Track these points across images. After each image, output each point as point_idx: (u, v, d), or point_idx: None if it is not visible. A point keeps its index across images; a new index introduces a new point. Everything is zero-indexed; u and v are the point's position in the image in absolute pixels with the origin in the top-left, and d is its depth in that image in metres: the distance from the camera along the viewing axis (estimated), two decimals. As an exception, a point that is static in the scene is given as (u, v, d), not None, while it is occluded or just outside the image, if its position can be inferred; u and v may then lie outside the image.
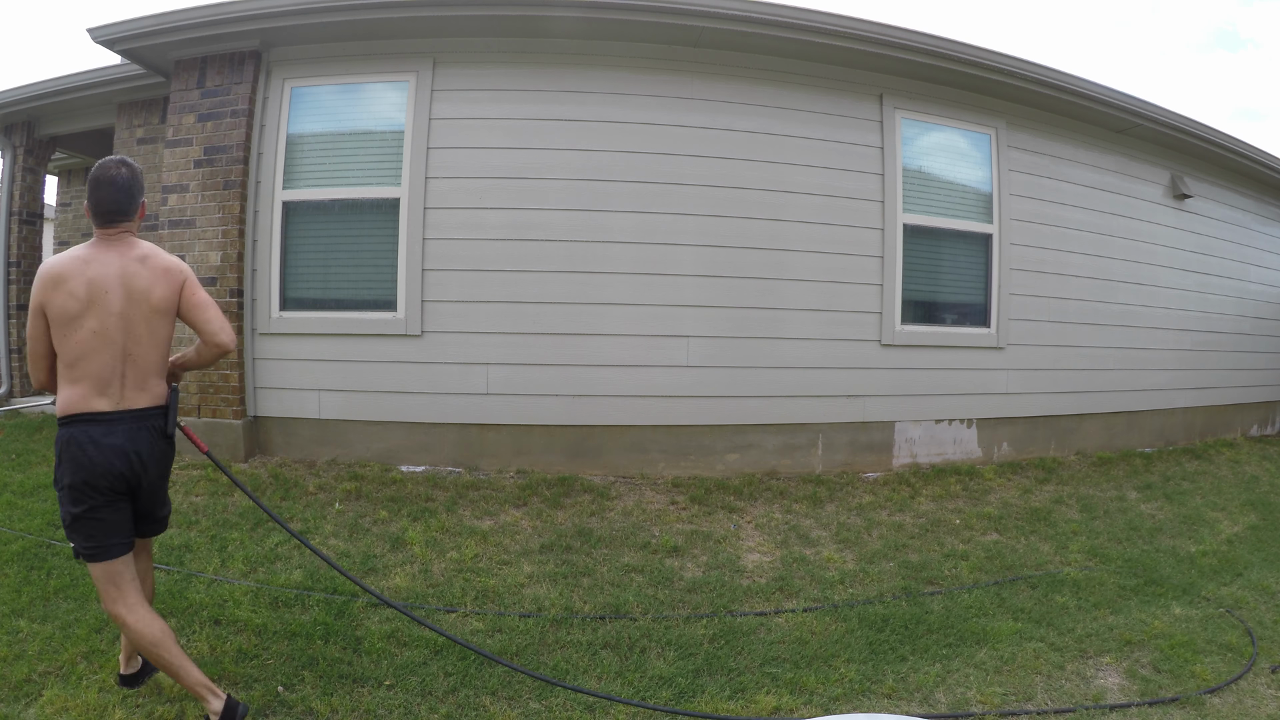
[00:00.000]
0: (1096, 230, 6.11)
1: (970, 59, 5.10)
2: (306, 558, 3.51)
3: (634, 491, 4.56)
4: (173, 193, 4.84)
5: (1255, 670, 2.85)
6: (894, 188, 5.22)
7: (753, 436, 5.03)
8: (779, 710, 2.47)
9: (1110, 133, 6.19)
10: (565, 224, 4.74)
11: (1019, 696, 2.61)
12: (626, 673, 2.66)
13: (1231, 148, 6.73)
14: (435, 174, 4.73)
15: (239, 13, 4.53)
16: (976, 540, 4.18)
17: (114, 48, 4.83)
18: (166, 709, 2.29)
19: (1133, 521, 4.64)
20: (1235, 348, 7.40)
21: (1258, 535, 4.57)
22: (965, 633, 3.06)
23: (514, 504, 4.26)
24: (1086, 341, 6.08)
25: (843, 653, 2.86)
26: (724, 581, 3.49)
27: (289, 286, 4.88)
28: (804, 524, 4.25)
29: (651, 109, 4.83)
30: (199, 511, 3.97)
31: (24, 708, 2.28)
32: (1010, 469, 5.49)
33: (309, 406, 4.82)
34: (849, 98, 5.18)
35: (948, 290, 5.63)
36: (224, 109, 4.78)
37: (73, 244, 8.46)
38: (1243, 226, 7.49)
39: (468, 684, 2.55)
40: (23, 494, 4.08)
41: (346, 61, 4.83)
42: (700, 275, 4.88)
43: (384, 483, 4.44)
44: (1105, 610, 3.36)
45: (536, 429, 4.80)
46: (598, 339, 4.78)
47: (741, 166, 4.93)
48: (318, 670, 2.58)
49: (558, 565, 3.56)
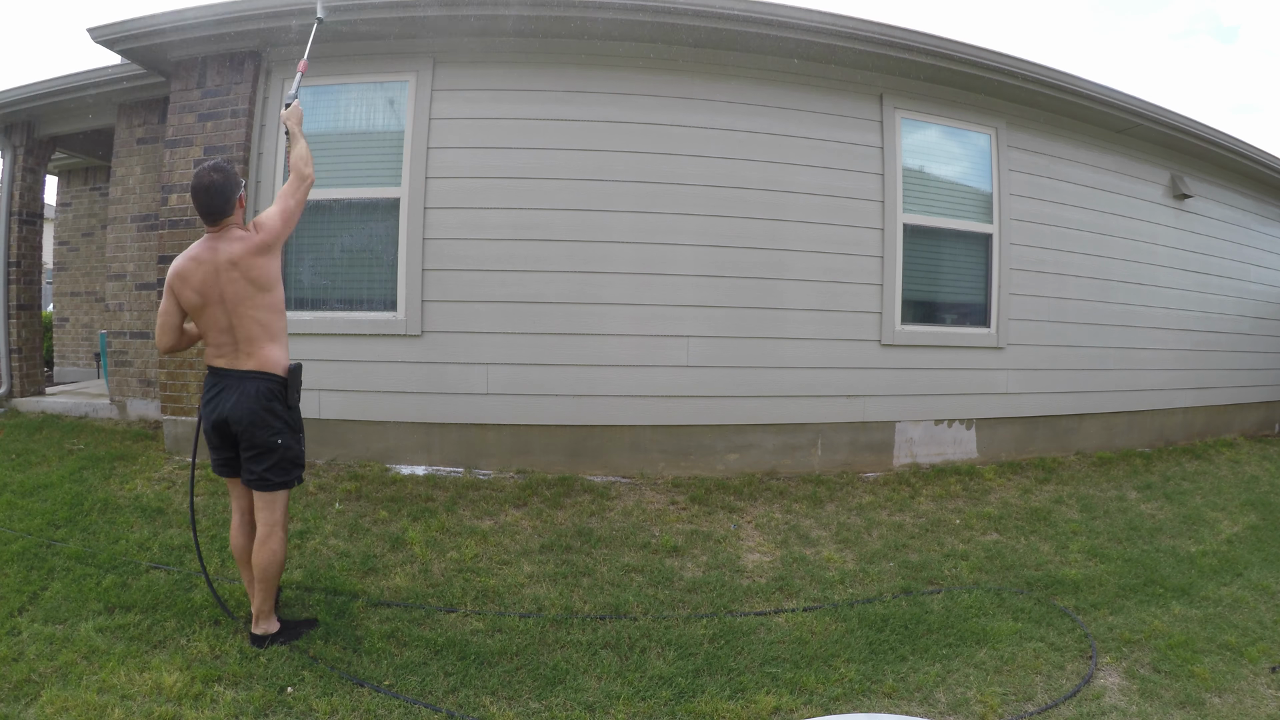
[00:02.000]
0: (1096, 230, 6.11)
1: (970, 59, 5.10)
2: (306, 558, 3.51)
3: (634, 491, 4.56)
4: (173, 193, 4.84)
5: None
6: (894, 188, 5.22)
7: (753, 436, 5.03)
8: (779, 710, 2.47)
9: (1110, 133, 6.18)
10: (565, 224, 4.74)
11: (1019, 696, 2.61)
12: (626, 673, 2.66)
13: (1232, 148, 6.73)
14: (435, 174, 4.72)
15: (239, 13, 4.53)
16: (976, 540, 4.18)
17: (114, 48, 4.83)
18: (166, 709, 2.29)
19: (1133, 521, 4.64)
20: (1235, 348, 7.40)
21: (1257, 535, 4.57)
22: (965, 633, 3.06)
23: (514, 504, 4.26)
24: (1086, 341, 6.08)
25: (843, 652, 2.86)
26: (724, 581, 3.49)
27: (289, 286, 4.85)
28: (804, 524, 4.25)
29: (651, 109, 4.83)
30: (199, 511, 3.97)
31: (24, 708, 2.28)
32: (1010, 469, 5.49)
33: (309, 406, 4.76)
34: (849, 98, 5.18)
35: (948, 290, 5.63)
36: (224, 109, 4.78)
37: (73, 243, 8.49)
38: (1243, 226, 7.49)
39: (468, 684, 2.56)
40: (23, 494, 4.09)
41: (346, 61, 4.83)
42: (700, 275, 4.87)
43: (384, 483, 4.44)
44: (1105, 610, 3.36)
45: (536, 429, 4.80)
46: (598, 339, 4.78)
47: (742, 166, 4.93)
48: (318, 670, 2.58)
49: (558, 565, 3.56)
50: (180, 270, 2.65)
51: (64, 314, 8.61)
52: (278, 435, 2.69)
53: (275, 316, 2.74)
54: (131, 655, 2.59)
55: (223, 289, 2.63)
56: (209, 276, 2.62)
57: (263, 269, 2.67)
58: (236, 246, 2.64)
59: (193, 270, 2.63)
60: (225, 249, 2.63)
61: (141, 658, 2.59)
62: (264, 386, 2.68)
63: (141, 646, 2.67)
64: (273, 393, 2.69)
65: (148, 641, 2.71)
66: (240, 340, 2.68)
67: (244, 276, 2.63)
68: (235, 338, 2.67)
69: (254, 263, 2.65)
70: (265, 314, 2.70)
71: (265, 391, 2.68)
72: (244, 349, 2.68)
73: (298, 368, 2.79)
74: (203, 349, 2.85)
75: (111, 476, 4.44)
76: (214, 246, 2.64)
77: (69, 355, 8.63)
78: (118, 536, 3.60)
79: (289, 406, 2.75)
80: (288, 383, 2.74)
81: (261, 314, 2.69)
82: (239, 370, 2.68)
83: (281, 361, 2.74)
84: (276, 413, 2.70)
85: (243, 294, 2.64)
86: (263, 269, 2.67)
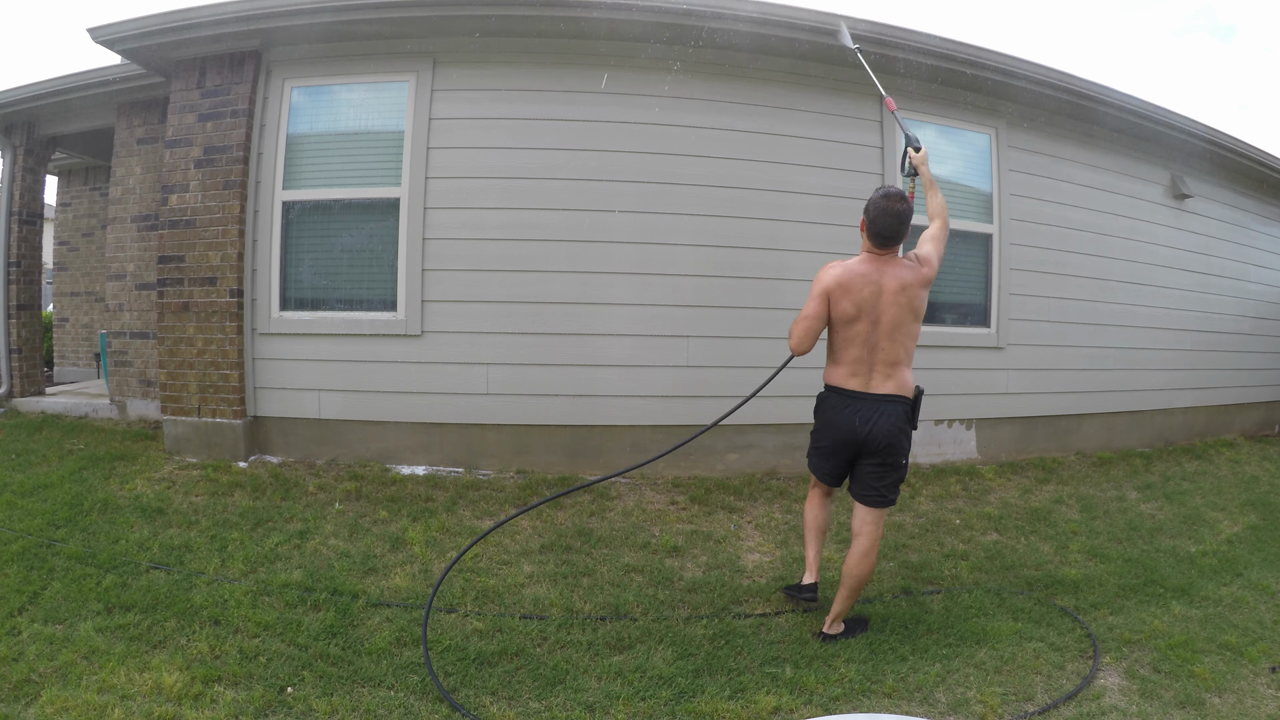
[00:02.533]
0: (1096, 230, 6.10)
1: (970, 59, 5.10)
2: (306, 558, 3.51)
3: (634, 491, 4.56)
4: (173, 193, 4.84)
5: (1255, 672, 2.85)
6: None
7: (753, 436, 5.03)
8: (779, 710, 2.47)
9: (1110, 133, 6.18)
10: (565, 224, 4.74)
11: (1019, 696, 2.61)
12: (626, 673, 2.66)
13: (1232, 148, 6.73)
14: (435, 174, 4.72)
15: (239, 13, 4.52)
16: (976, 540, 4.18)
17: (114, 48, 4.83)
18: (166, 709, 2.29)
19: (1133, 521, 4.64)
20: (1235, 348, 7.39)
21: (1258, 535, 4.57)
22: (965, 633, 3.06)
23: (514, 504, 4.26)
24: (1086, 341, 6.08)
25: (843, 653, 2.86)
26: (724, 581, 3.49)
27: (289, 287, 4.88)
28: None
29: (651, 109, 4.83)
30: (199, 511, 3.97)
31: (24, 708, 2.28)
32: (1010, 469, 5.49)
33: (309, 406, 4.82)
34: (849, 98, 5.18)
35: (947, 290, 5.63)
36: (224, 109, 4.78)
37: (73, 243, 8.49)
38: (1243, 226, 7.49)
39: (468, 684, 2.56)
40: (23, 494, 4.09)
41: (346, 61, 4.83)
42: (700, 275, 4.87)
43: (384, 483, 4.44)
44: (1105, 610, 3.36)
45: (536, 429, 4.80)
46: (598, 339, 4.78)
47: (741, 166, 4.93)
48: (317, 670, 2.58)
49: (558, 565, 3.56)
50: (842, 280, 2.82)
51: (64, 314, 8.61)
52: (904, 455, 2.90)
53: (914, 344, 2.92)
54: (131, 655, 2.59)
55: (882, 310, 2.79)
56: (873, 295, 2.78)
57: (923, 300, 2.85)
58: (907, 274, 2.80)
59: (859, 286, 2.79)
60: (894, 274, 2.79)
61: (141, 658, 2.59)
62: (901, 410, 2.84)
63: (141, 646, 2.67)
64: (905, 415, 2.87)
65: (148, 641, 2.71)
66: (880, 363, 2.83)
67: (909, 304, 2.79)
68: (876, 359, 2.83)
69: (920, 294, 2.83)
70: (912, 342, 2.88)
71: (902, 414, 2.85)
72: (882, 371, 2.83)
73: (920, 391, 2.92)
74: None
75: (111, 476, 4.44)
76: (881, 270, 2.80)
77: (69, 355, 8.63)
78: (118, 536, 3.60)
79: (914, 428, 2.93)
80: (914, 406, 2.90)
81: (910, 342, 2.86)
82: (875, 394, 2.83)
83: (912, 385, 2.89)
84: (908, 434, 2.89)
85: (901, 319, 2.79)
86: (923, 300, 2.85)
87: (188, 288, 4.80)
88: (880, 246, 2.84)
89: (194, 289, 4.79)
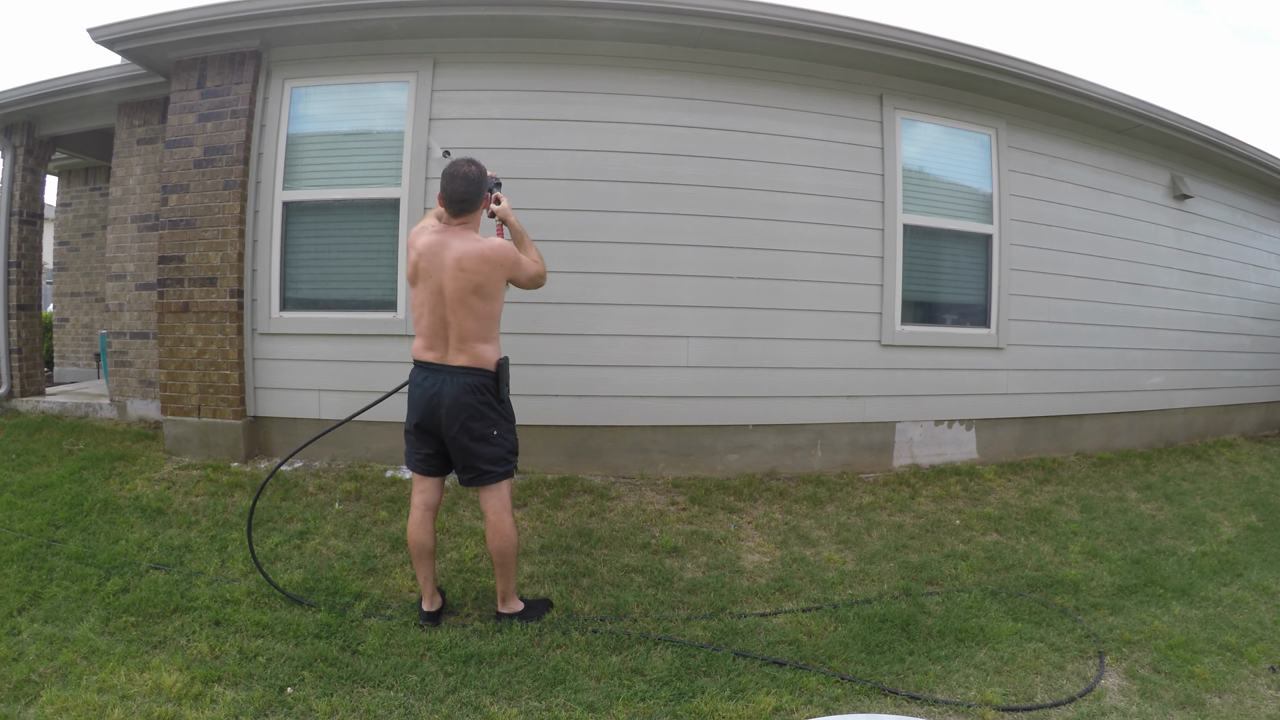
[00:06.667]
0: (1096, 230, 6.10)
1: (970, 59, 5.10)
2: (306, 558, 3.51)
3: (634, 492, 4.56)
4: (173, 193, 4.84)
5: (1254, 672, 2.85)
6: (894, 188, 5.22)
7: (753, 437, 5.03)
8: (779, 710, 2.47)
9: (1110, 133, 6.18)
10: (565, 224, 4.74)
11: (1019, 697, 2.61)
12: (626, 673, 2.66)
13: (1231, 148, 6.73)
14: (435, 174, 4.72)
15: (239, 13, 4.53)
16: (976, 541, 4.18)
17: (114, 48, 4.83)
18: (166, 709, 2.29)
19: (1133, 522, 4.64)
20: (1235, 348, 7.39)
21: (1258, 536, 4.57)
22: (965, 633, 3.06)
23: (514, 504, 4.25)
24: (1086, 342, 6.08)
25: (842, 653, 2.86)
26: (724, 582, 3.49)
27: (289, 287, 4.88)
28: (804, 524, 4.25)
29: (651, 109, 4.83)
30: (199, 512, 3.97)
31: (24, 708, 2.28)
32: (1010, 469, 5.49)
33: (309, 407, 4.82)
34: (849, 98, 5.18)
35: (948, 291, 5.63)
36: (224, 109, 4.78)
37: (73, 244, 8.49)
38: (1243, 227, 7.48)
39: (468, 684, 2.55)
40: (23, 494, 4.09)
41: (346, 62, 4.83)
42: (700, 275, 4.87)
43: (384, 483, 4.44)
44: (1105, 610, 3.36)
45: (536, 429, 4.80)
46: (598, 339, 4.78)
47: (741, 166, 4.93)
48: (317, 670, 2.58)
49: (557, 565, 3.56)
50: (416, 244, 2.82)
51: (64, 314, 8.61)
52: (493, 426, 2.85)
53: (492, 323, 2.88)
54: (131, 655, 2.59)
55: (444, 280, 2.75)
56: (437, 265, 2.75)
57: (491, 280, 2.81)
58: (473, 247, 2.76)
59: (430, 253, 2.78)
60: (460, 245, 2.75)
61: (141, 658, 2.59)
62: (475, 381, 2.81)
63: (141, 646, 2.67)
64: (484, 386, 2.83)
65: (147, 642, 2.71)
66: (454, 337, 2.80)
67: (469, 279, 2.75)
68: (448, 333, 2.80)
69: (483, 271, 2.78)
70: (486, 321, 2.85)
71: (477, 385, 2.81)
72: (455, 345, 2.80)
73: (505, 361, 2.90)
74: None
75: (111, 476, 4.44)
76: (447, 240, 2.78)
77: (69, 355, 8.63)
78: (118, 537, 3.60)
79: (500, 400, 2.88)
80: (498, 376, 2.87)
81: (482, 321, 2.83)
82: (450, 365, 2.81)
83: (492, 358, 2.85)
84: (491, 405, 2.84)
85: (463, 294, 2.75)
86: (491, 280, 2.81)
87: (188, 288, 4.80)
88: (452, 214, 2.81)
89: (194, 289, 4.79)
